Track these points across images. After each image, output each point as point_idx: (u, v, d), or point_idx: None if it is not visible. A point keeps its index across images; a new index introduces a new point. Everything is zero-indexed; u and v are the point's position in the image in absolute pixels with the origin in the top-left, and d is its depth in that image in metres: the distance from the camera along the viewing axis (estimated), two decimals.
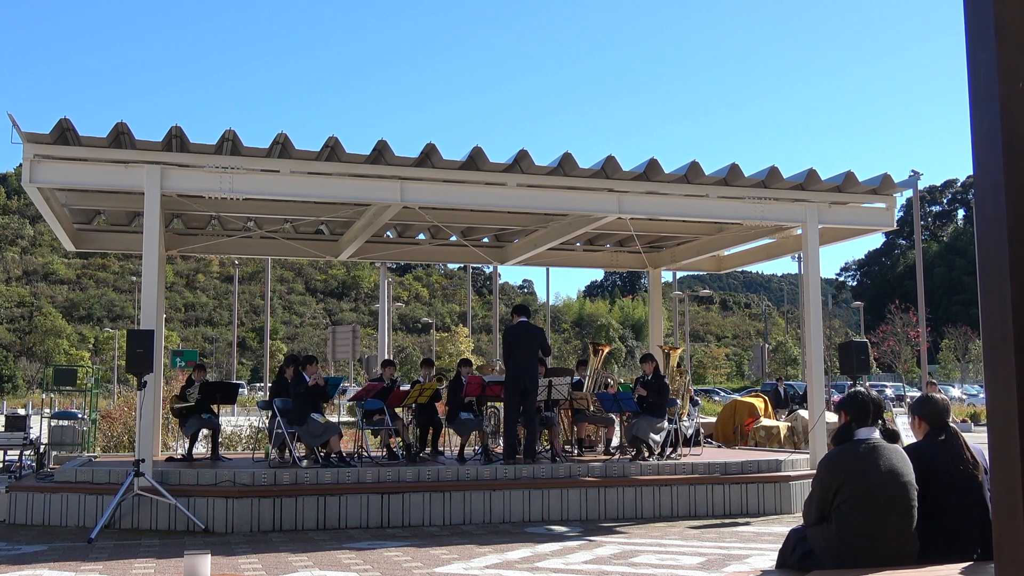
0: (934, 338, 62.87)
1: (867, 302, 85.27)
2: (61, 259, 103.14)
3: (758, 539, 9.18)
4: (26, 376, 72.79)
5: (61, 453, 13.81)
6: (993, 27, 1.67)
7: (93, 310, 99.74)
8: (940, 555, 4.38)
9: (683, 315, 61.94)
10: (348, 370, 43.15)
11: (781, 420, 18.05)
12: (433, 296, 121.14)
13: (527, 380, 11.25)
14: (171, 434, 16.24)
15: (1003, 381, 1.66)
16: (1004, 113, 1.66)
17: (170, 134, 9.86)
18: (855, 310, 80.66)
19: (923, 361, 30.58)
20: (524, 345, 11.38)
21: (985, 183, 1.71)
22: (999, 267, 1.66)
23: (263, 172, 10.42)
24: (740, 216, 11.91)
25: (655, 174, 11.29)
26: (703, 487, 11.04)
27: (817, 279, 12.54)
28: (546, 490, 10.55)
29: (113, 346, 71.94)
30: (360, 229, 13.41)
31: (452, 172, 10.87)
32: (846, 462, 4.43)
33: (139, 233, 11.02)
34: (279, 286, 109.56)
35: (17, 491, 10.13)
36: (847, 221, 12.54)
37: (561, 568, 7.66)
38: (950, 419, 4.86)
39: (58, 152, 9.78)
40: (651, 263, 16.28)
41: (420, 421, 12.58)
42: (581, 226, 13.05)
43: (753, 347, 64.21)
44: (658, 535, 9.49)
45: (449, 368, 30.12)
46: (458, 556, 8.19)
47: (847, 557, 4.31)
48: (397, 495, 10.14)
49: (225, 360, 78.04)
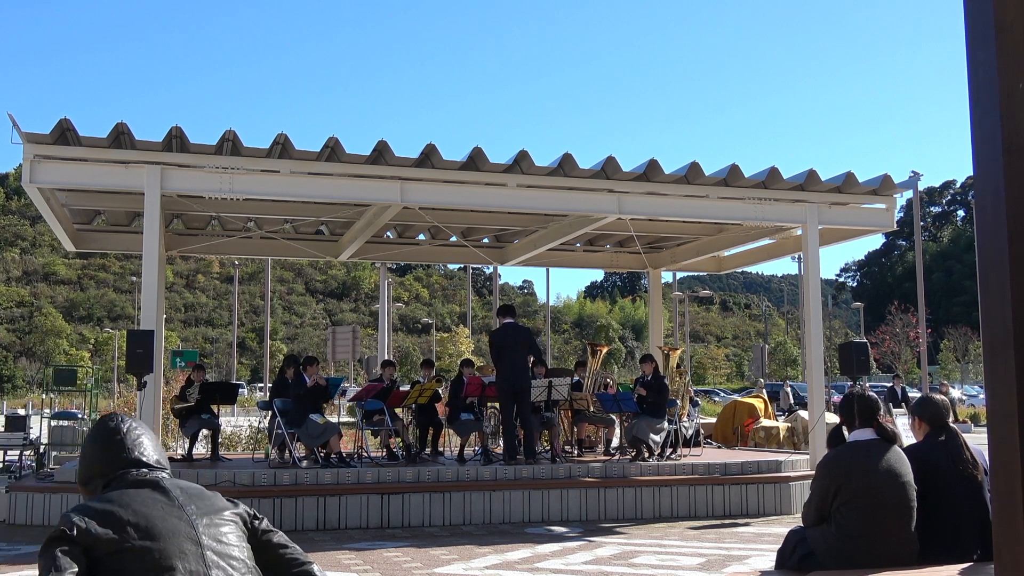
0: (934, 339, 62.90)
1: (867, 303, 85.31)
2: (61, 259, 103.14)
3: (758, 540, 9.18)
4: (26, 376, 72.81)
5: (61, 453, 13.82)
6: (993, 27, 1.67)
7: (93, 310, 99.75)
8: (940, 556, 4.38)
9: (683, 316, 61.96)
10: (348, 370, 43.16)
11: (780, 420, 18.05)
12: (433, 296, 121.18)
13: (519, 381, 11.24)
14: (171, 434, 16.24)
15: (1003, 381, 1.66)
16: (1004, 113, 1.66)
17: (170, 134, 9.85)
18: (855, 311, 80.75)
19: (923, 361, 30.57)
20: (513, 346, 11.37)
21: (985, 183, 1.71)
22: (999, 267, 1.66)
23: (263, 172, 10.42)
24: (740, 217, 11.91)
25: (655, 175, 11.29)
26: (703, 488, 11.03)
27: (817, 280, 12.54)
28: (546, 491, 10.55)
29: (113, 346, 71.93)
30: (360, 229, 13.41)
31: (452, 172, 10.87)
32: (845, 463, 4.43)
33: (139, 233, 11.02)
34: (279, 286, 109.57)
35: (17, 491, 10.13)
36: (847, 222, 12.54)
37: (561, 569, 7.66)
38: (951, 419, 4.86)
39: (58, 152, 9.78)
40: (651, 263, 16.28)
41: (420, 422, 12.58)
42: (581, 226, 13.05)
43: (753, 348, 64.19)
44: (658, 536, 9.49)
45: (449, 368, 30.12)
46: (458, 556, 8.19)
47: (847, 558, 4.32)
48: (397, 495, 10.14)
49: (225, 360, 78.04)
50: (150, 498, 2.42)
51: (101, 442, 2.61)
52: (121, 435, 2.59)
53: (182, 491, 2.49)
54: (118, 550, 2.27)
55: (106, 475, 2.53)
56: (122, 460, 2.53)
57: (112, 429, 2.62)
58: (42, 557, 2.23)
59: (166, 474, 2.57)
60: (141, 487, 2.47)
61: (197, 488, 2.56)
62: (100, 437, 2.63)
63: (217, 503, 2.53)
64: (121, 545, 2.28)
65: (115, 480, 2.50)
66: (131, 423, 2.65)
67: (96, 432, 2.66)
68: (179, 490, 2.49)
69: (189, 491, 2.51)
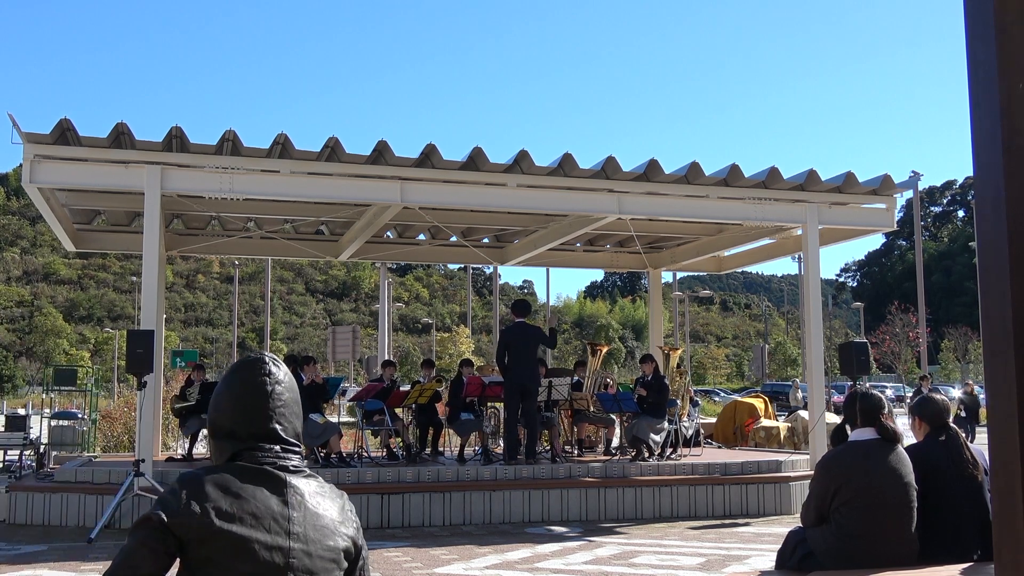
0: (934, 339, 62.90)
1: (867, 303, 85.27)
2: (61, 259, 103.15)
3: (758, 540, 9.18)
4: (26, 376, 72.78)
5: (61, 453, 13.82)
6: (993, 27, 1.67)
7: (93, 310, 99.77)
8: (940, 556, 4.38)
9: (683, 316, 61.94)
10: (348, 370, 43.15)
11: (780, 420, 18.04)
12: (433, 296, 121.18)
13: (527, 380, 11.25)
14: (171, 434, 16.24)
15: (1003, 381, 1.66)
16: (1004, 113, 1.66)
17: (170, 134, 9.85)
18: (855, 311, 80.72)
19: (923, 361, 30.61)
20: (522, 345, 11.37)
21: (985, 183, 1.71)
22: (999, 267, 1.66)
23: (263, 172, 10.42)
24: (740, 217, 11.91)
25: (655, 175, 11.29)
26: (703, 488, 11.03)
27: (817, 280, 12.54)
28: (546, 490, 10.54)
29: (113, 346, 71.93)
30: (360, 229, 13.41)
31: (452, 172, 10.87)
32: (844, 463, 4.43)
33: (139, 233, 11.02)
34: (279, 286, 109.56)
35: (17, 491, 10.13)
36: (847, 222, 12.54)
37: (561, 568, 7.66)
38: (951, 419, 4.86)
39: (58, 152, 9.78)
40: (651, 263, 16.27)
41: (420, 421, 12.58)
42: (581, 226, 13.05)
43: (753, 347, 64.19)
44: (658, 536, 9.49)
45: (449, 368, 30.11)
46: (458, 556, 8.19)
47: (847, 558, 4.31)
48: (397, 495, 10.14)
49: (225, 360, 78.02)
50: (264, 504, 2.03)
51: (239, 392, 2.14)
52: (267, 390, 2.13)
53: (301, 502, 2.08)
54: (204, 551, 1.99)
55: (235, 440, 2.11)
56: (258, 428, 2.10)
57: (258, 381, 2.13)
58: (129, 537, 1.98)
59: (297, 459, 2.14)
60: (260, 482, 2.06)
61: (319, 502, 2.12)
62: (240, 386, 2.15)
63: (329, 535, 2.09)
64: (208, 550, 1.98)
65: (244, 453, 2.09)
66: (279, 374, 2.16)
67: (238, 376, 2.17)
68: (298, 499, 2.08)
69: (308, 506, 2.09)
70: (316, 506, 2.09)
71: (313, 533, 2.05)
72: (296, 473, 2.11)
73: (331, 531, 2.09)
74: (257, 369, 2.14)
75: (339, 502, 2.17)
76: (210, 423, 2.17)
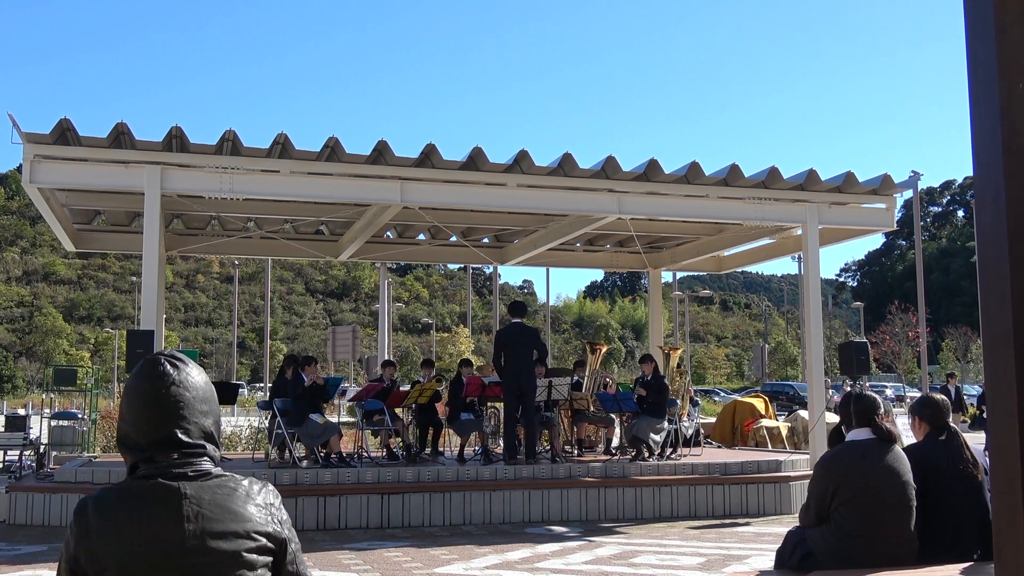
0: (934, 338, 62.89)
1: (867, 302, 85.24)
2: (61, 259, 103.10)
3: (758, 539, 9.18)
4: (26, 376, 72.78)
5: (61, 453, 13.81)
6: (993, 27, 1.67)
7: (93, 310, 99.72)
8: (940, 555, 4.38)
9: (683, 315, 61.93)
10: (348, 370, 43.14)
11: (780, 420, 18.03)
12: (433, 296, 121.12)
13: (524, 380, 11.25)
14: None
15: (1003, 381, 1.66)
16: (1004, 113, 1.66)
17: (170, 134, 9.85)
18: (855, 310, 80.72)
19: (923, 361, 30.58)
20: (520, 346, 11.38)
21: (985, 183, 1.71)
22: (999, 267, 1.66)
23: (263, 172, 10.42)
24: (740, 216, 11.91)
25: (655, 174, 11.29)
26: (703, 487, 11.03)
27: (817, 279, 12.54)
28: (546, 490, 10.54)
29: (113, 346, 71.92)
30: (360, 229, 13.41)
31: (452, 172, 10.87)
32: (842, 463, 4.43)
33: (139, 233, 11.01)
34: (279, 286, 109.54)
35: (17, 491, 10.13)
36: (847, 221, 12.54)
37: (561, 568, 7.66)
38: (951, 419, 4.86)
39: (58, 152, 9.78)
40: (651, 263, 16.28)
41: (420, 421, 12.58)
42: (581, 226, 13.05)
43: (753, 347, 64.20)
44: (658, 535, 9.49)
45: (449, 368, 30.12)
46: (458, 556, 8.19)
47: (847, 558, 4.31)
48: (397, 495, 10.14)
49: (225, 360, 78.02)
50: (158, 519, 1.92)
51: (132, 399, 2.00)
52: (161, 394, 1.98)
53: (198, 512, 1.93)
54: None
55: (137, 451, 2.00)
56: (156, 436, 1.97)
57: (152, 386, 1.99)
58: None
59: (203, 461, 2.00)
60: (151, 502, 1.94)
61: (222, 507, 1.96)
62: (134, 392, 2.01)
63: (231, 539, 1.95)
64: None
65: (140, 465, 1.99)
66: (175, 374, 2.01)
67: (133, 382, 2.03)
68: (194, 510, 1.93)
69: (206, 514, 1.94)
70: (215, 513, 1.95)
71: (212, 542, 1.92)
72: (197, 478, 1.97)
73: (235, 535, 1.95)
74: (149, 372, 2.01)
75: (253, 500, 2.01)
76: (117, 432, 2.08)
